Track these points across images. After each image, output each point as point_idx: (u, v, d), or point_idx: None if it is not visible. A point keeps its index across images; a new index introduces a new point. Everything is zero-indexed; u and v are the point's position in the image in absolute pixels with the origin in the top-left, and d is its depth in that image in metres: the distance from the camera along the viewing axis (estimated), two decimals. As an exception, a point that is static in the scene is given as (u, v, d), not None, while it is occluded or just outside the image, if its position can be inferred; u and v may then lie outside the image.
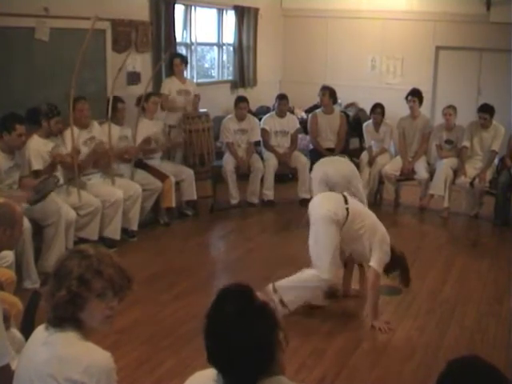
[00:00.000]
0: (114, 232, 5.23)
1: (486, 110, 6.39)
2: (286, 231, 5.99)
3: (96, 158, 5.28)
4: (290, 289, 3.92)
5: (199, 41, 8.01)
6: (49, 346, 1.77)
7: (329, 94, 6.92)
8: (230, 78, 8.55)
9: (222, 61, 8.55)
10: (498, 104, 6.57)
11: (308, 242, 3.96)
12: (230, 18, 8.38)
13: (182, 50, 7.54)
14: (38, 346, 1.81)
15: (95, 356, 1.75)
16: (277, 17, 9.38)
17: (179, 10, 7.43)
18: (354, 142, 8.11)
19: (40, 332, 1.84)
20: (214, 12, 8.30)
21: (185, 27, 7.71)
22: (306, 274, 3.94)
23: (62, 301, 1.76)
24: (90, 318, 1.81)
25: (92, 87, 5.89)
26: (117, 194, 5.22)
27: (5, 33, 5.10)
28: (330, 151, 6.83)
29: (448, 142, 6.70)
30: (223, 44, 8.50)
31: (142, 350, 3.54)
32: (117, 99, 5.61)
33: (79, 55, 4.82)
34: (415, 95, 6.77)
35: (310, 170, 6.74)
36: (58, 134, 5.00)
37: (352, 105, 8.89)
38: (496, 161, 6.54)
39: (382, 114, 6.93)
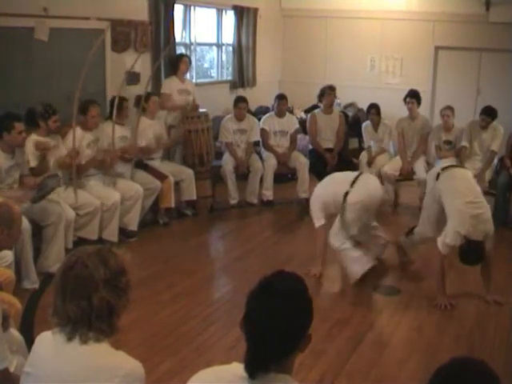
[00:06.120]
0: (111, 234, 5.23)
1: (490, 114, 6.36)
2: (285, 231, 5.99)
3: (96, 163, 5.28)
4: None
5: (198, 41, 8.01)
6: (80, 356, 1.75)
7: (334, 94, 6.97)
8: (230, 78, 8.55)
9: (222, 61, 8.55)
10: (498, 104, 6.57)
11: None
12: (229, 18, 8.38)
13: (182, 50, 7.54)
14: (63, 357, 1.77)
15: (132, 365, 1.79)
16: (276, 17, 9.38)
17: (178, 9, 7.42)
18: (353, 142, 8.12)
19: (60, 343, 1.78)
20: (213, 12, 8.30)
21: (184, 27, 7.71)
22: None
23: (105, 311, 1.77)
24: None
25: (91, 87, 5.88)
26: (114, 196, 5.21)
27: (4, 33, 5.09)
28: (329, 151, 6.85)
29: (447, 142, 6.69)
30: (222, 44, 8.50)
31: (141, 349, 3.52)
32: (122, 99, 5.60)
33: (87, 58, 4.76)
34: (413, 97, 6.75)
35: (309, 169, 6.75)
36: (57, 132, 4.99)
37: (351, 105, 8.89)
38: (495, 161, 6.54)
39: (378, 113, 6.91)
